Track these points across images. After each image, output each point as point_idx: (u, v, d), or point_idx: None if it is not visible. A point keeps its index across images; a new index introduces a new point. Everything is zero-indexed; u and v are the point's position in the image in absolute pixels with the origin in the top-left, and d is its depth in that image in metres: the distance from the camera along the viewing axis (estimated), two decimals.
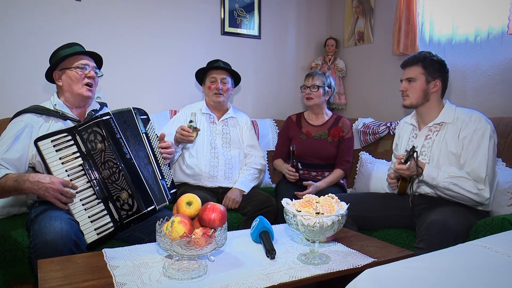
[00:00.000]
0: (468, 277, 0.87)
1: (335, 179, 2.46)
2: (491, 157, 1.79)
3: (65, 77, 1.81)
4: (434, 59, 1.94)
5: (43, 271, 1.18)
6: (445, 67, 1.95)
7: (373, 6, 3.24)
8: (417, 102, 1.96)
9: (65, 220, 1.50)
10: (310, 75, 2.54)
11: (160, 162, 1.91)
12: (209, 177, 2.34)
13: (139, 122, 1.87)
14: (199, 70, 2.46)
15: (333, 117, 2.59)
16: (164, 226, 1.25)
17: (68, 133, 1.68)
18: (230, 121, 2.49)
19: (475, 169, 1.77)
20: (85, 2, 2.66)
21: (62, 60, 1.81)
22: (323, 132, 2.53)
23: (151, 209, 1.70)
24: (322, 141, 2.50)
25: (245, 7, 3.27)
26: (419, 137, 2.00)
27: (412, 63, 1.98)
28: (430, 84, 1.94)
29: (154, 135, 1.94)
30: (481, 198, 1.76)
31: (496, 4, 2.38)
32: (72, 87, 1.80)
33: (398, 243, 1.93)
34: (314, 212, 1.24)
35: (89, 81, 1.82)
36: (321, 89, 2.49)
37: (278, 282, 1.14)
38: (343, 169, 2.48)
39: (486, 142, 1.78)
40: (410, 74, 1.97)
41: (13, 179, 1.57)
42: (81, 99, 1.84)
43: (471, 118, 1.85)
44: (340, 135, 2.51)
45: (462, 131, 1.84)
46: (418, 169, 1.76)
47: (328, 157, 2.49)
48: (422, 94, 1.95)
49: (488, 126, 1.81)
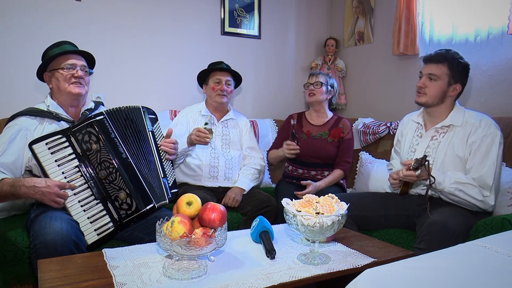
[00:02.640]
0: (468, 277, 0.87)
1: (335, 179, 2.46)
2: (499, 165, 1.76)
3: (54, 79, 1.79)
4: (461, 62, 1.86)
5: (43, 271, 1.18)
6: (468, 72, 1.89)
7: (373, 6, 3.24)
8: (433, 102, 1.89)
9: (65, 221, 1.50)
10: (314, 74, 2.57)
11: (164, 161, 1.91)
12: (210, 178, 2.35)
13: (146, 120, 1.88)
14: (203, 71, 2.46)
15: (333, 117, 2.60)
16: (164, 226, 1.25)
17: (62, 135, 1.67)
18: (230, 123, 2.51)
19: (483, 176, 1.74)
20: (85, 2, 2.66)
21: (51, 61, 1.78)
22: (323, 132, 2.53)
23: (150, 208, 1.70)
24: (322, 141, 2.50)
25: (245, 7, 3.27)
26: (425, 137, 1.96)
27: (438, 60, 1.87)
28: (451, 87, 1.87)
29: (160, 134, 1.95)
30: (486, 205, 1.75)
31: (496, 4, 2.38)
32: (60, 88, 1.78)
33: (398, 243, 1.93)
34: (314, 212, 1.24)
35: (75, 80, 1.78)
36: (324, 87, 2.51)
37: (278, 282, 1.14)
38: (343, 170, 2.48)
39: (496, 149, 1.75)
40: (434, 71, 1.87)
41: (9, 184, 1.55)
42: (72, 97, 1.81)
43: (481, 123, 1.81)
44: (340, 136, 2.51)
45: (471, 136, 1.80)
46: (430, 179, 1.72)
47: (328, 156, 2.50)
48: (440, 95, 1.88)
49: (498, 132, 1.78)
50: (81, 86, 1.80)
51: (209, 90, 2.44)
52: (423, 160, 1.70)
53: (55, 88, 1.80)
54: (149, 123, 1.90)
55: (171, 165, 1.99)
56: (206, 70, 2.45)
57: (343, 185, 2.58)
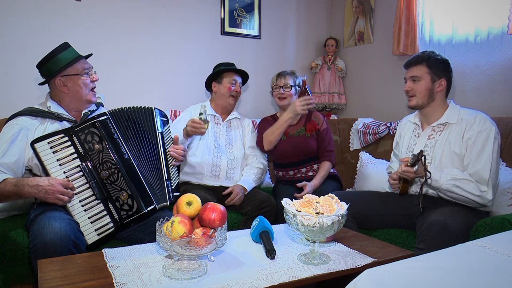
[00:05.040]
0: (468, 277, 0.87)
1: (326, 172, 2.47)
2: (495, 159, 1.78)
3: (71, 84, 1.77)
4: (439, 58, 1.93)
5: (43, 271, 1.18)
6: (449, 66, 1.94)
7: (373, 6, 3.24)
8: (423, 102, 1.95)
9: (64, 221, 1.50)
10: (282, 74, 2.53)
11: (170, 164, 1.91)
12: (211, 176, 2.36)
13: (157, 121, 1.88)
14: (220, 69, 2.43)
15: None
16: (164, 226, 1.25)
17: (65, 134, 1.66)
18: (234, 122, 2.52)
19: (479, 170, 1.76)
20: (85, 2, 2.65)
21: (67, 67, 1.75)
22: (300, 129, 2.53)
23: (151, 209, 1.70)
24: (301, 138, 2.51)
25: (245, 7, 3.27)
26: (422, 136, 1.99)
27: (416, 62, 1.95)
28: (436, 83, 1.92)
29: (169, 137, 1.96)
30: (484, 200, 1.75)
31: (496, 4, 2.38)
32: (79, 93, 1.78)
33: (398, 243, 1.93)
34: (314, 212, 1.24)
35: (94, 85, 1.82)
36: (293, 89, 2.51)
37: (278, 282, 1.14)
38: (329, 160, 2.50)
39: (491, 143, 1.77)
40: (415, 73, 1.95)
41: (12, 184, 1.55)
42: (87, 103, 1.84)
43: (475, 119, 1.84)
44: (316, 128, 2.52)
45: (467, 132, 1.83)
46: (426, 173, 1.74)
47: (311, 151, 2.51)
48: (428, 93, 1.93)
49: (492, 127, 1.80)
50: (95, 93, 1.84)
51: (223, 89, 2.42)
52: (420, 155, 1.72)
53: (72, 93, 1.78)
54: (160, 124, 1.90)
55: (177, 170, 1.99)
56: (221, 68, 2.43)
57: (336, 175, 2.59)
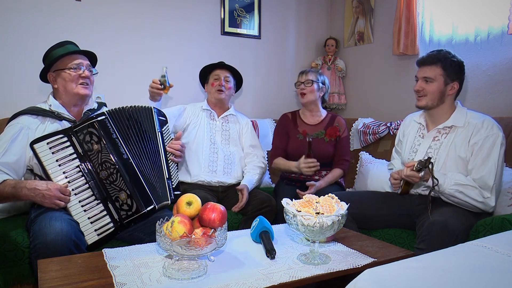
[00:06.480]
0: (468, 277, 0.87)
1: (335, 178, 2.45)
2: (500, 165, 1.76)
3: (60, 79, 1.78)
4: (455, 60, 1.86)
5: (43, 271, 1.18)
6: (464, 69, 1.89)
7: (373, 6, 3.24)
8: (433, 104, 1.90)
9: (65, 221, 1.50)
10: (304, 72, 2.54)
11: (170, 162, 1.91)
12: (209, 172, 2.35)
13: (155, 121, 1.89)
14: (205, 69, 2.48)
15: (328, 116, 2.58)
16: (164, 226, 1.25)
17: (64, 134, 1.66)
18: (230, 118, 2.53)
19: (484, 176, 1.74)
20: (85, 2, 2.66)
21: (55, 61, 1.77)
22: (319, 131, 2.51)
23: (151, 209, 1.70)
24: (320, 141, 2.48)
25: (245, 7, 3.27)
26: (426, 137, 1.96)
27: (431, 62, 1.87)
28: (448, 86, 1.87)
29: (168, 136, 1.96)
30: (486, 207, 1.75)
31: (496, 4, 2.38)
32: (67, 88, 1.77)
33: (398, 243, 1.93)
34: (314, 212, 1.24)
35: (83, 80, 1.79)
36: (315, 84, 2.48)
37: (278, 282, 1.14)
38: (342, 169, 2.47)
39: (497, 150, 1.75)
40: (428, 74, 1.87)
41: (11, 186, 1.55)
42: (79, 98, 1.80)
43: (483, 124, 1.80)
44: (337, 135, 2.49)
45: (473, 137, 1.80)
46: (434, 181, 1.72)
47: (326, 156, 2.46)
48: (439, 95, 1.88)
49: (500, 133, 1.78)
50: (88, 86, 1.81)
51: (209, 86, 2.47)
52: (427, 162, 1.69)
53: (61, 88, 1.79)
54: (158, 124, 1.90)
55: (176, 167, 1.99)
56: (207, 68, 2.48)
57: (342, 184, 2.58)
